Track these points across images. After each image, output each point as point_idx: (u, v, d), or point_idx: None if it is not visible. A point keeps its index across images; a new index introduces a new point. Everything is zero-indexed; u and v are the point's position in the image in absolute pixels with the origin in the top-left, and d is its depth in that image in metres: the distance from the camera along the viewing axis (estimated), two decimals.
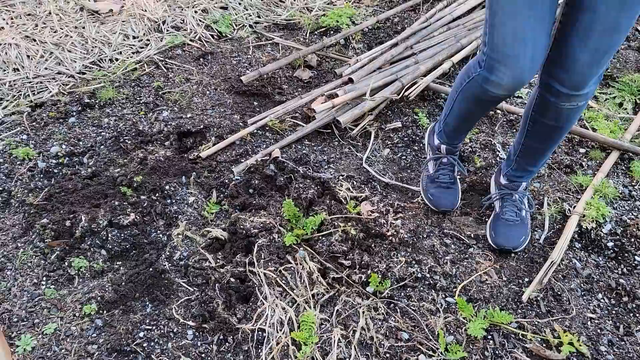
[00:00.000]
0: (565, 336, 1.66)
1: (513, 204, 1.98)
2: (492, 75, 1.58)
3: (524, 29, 1.46)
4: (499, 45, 1.52)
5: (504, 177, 2.01)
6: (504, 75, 1.54)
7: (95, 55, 2.93)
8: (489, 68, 1.58)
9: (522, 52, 1.49)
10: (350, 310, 1.73)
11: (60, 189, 2.14)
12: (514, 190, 1.99)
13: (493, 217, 2.03)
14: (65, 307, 1.78)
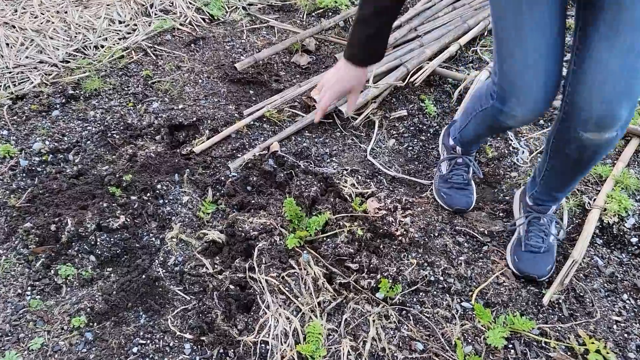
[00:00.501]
0: (591, 343, 1.55)
1: (540, 228, 1.77)
2: (504, 107, 1.46)
3: (534, 57, 1.35)
4: (509, 75, 1.41)
5: (530, 199, 1.81)
6: (516, 107, 1.43)
7: (79, 42, 2.75)
8: (500, 99, 1.47)
9: (534, 81, 1.37)
10: (359, 319, 1.61)
11: (44, 190, 1.99)
12: (542, 213, 1.78)
13: (516, 241, 1.82)
14: (53, 319, 1.65)
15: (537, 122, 2.40)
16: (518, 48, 1.36)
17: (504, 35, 1.38)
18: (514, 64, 1.39)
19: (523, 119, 1.47)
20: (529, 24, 1.33)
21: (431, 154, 2.25)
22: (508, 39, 1.38)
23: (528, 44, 1.35)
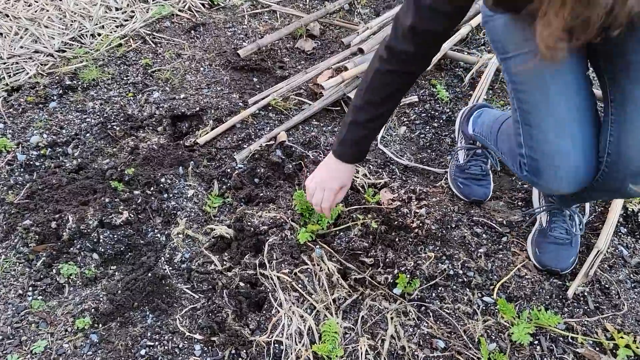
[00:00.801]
0: (620, 338, 1.48)
1: (563, 219, 1.68)
2: (541, 180, 1.34)
3: (567, 123, 1.26)
4: (541, 142, 1.30)
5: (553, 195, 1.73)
6: (555, 178, 1.31)
7: (75, 30, 2.65)
8: (534, 172, 1.35)
9: (570, 147, 1.27)
10: (376, 316, 1.54)
11: (43, 185, 1.91)
12: (566, 207, 1.68)
13: (538, 232, 1.73)
14: (56, 321, 1.57)
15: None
16: (548, 116, 1.28)
17: (529, 107, 1.31)
18: (546, 132, 1.28)
19: (566, 189, 1.34)
20: (556, 93, 1.26)
21: (444, 141, 2.16)
22: (535, 109, 1.30)
23: (558, 111, 1.27)
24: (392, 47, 1.31)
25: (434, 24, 1.24)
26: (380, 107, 1.41)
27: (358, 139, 1.46)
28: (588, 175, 1.29)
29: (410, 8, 1.23)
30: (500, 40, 1.38)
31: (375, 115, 1.41)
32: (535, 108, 1.30)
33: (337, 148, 1.50)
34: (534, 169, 1.33)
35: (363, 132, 1.45)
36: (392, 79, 1.36)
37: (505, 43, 1.37)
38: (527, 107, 1.31)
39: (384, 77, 1.36)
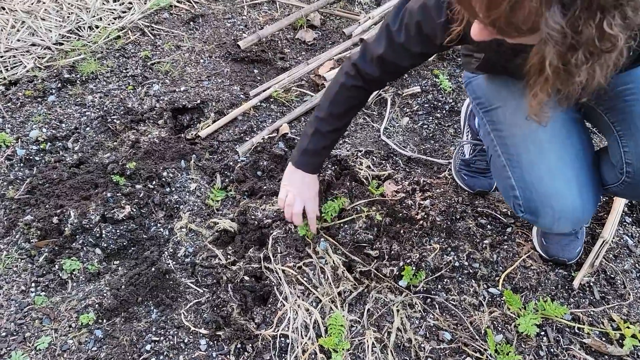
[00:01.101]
0: (626, 328, 1.48)
1: None
2: (539, 219, 1.35)
3: (560, 165, 1.29)
4: (535, 184, 1.32)
5: None
6: (554, 218, 1.32)
7: (72, 22, 2.62)
8: (532, 211, 1.36)
9: (565, 189, 1.29)
10: (382, 308, 1.53)
11: (43, 180, 1.89)
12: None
13: None
14: (59, 317, 1.57)
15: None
16: (539, 157, 1.31)
17: (520, 150, 1.34)
18: (539, 173, 1.31)
19: (565, 228, 1.37)
20: (546, 137, 1.30)
21: (447, 132, 2.15)
22: (526, 151, 1.33)
23: (550, 154, 1.30)
24: (358, 67, 1.39)
25: (402, 60, 1.33)
26: (342, 119, 1.50)
27: (319, 149, 1.53)
28: (587, 214, 1.32)
29: (383, 40, 1.31)
30: (484, 95, 1.47)
31: (337, 126, 1.50)
32: (526, 152, 1.33)
33: (300, 158, 1.55)
34: (531, 210, 1.35)
35: (324, 142, 1.52)
36: (356, 94, 1.46)
37: (490, 97, 1.44)
38: (517, 151, 1.35)
39: (348, 92, 1.44)
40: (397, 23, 1.27)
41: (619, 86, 1.26)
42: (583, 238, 1.67)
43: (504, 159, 1.39)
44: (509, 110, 1.38)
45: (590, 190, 1.32)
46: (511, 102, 1.38)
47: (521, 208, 1.37)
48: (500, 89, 1.42)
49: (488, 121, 1.46)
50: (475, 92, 1.52)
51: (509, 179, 1.38)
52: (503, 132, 1.40)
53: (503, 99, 1.40)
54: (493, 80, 1.45)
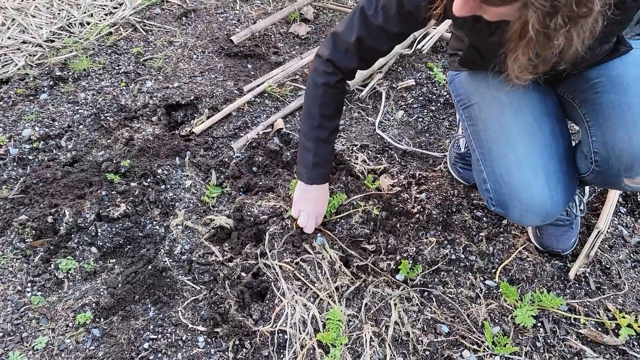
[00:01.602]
0: (621, 317, 1.49)
1: None
2: (509, 212, 1.37)
3: (528, 156, 1.31)
4: (504, 175, 1.33)
5: None
6: (522, 211, 1.33)
7: (63, 19, 2.59)
8: (501, 204, 1.37)
9: (532, 179, 1.29)
10: (380, 302, 1.54)
11: (37, 179, 1.88)
12: None
13: None
14: (56, 316, 1.56)
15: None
16: (509, 148, 1.32)
17: (491, 143, 1.36)
18: (507, 164, 1.32)
19: (535, 220, 1.36)
20: (517, 130, 1.33)
21: (442, 125, 2.15)
22: (496, 144, 1.35)
23: (519, 145, 1.31)
24: (334, 61, 1.38)
25: (380, 44, 1.32)
26: (335, 117, 1.49)
27: (327, 156, 1.53)
28: (555, 206, 1.32)
29: (356, 26, 1.30)
30: (464, 92, 1.49)
31: (333, 127, 1.50)
32: (497, 144, 1.34)
33: (311, 174, 1.54)
34: (501, 203, 1.36)
35: (328, 147, 1.52)
36: (340, 89, 1.45)
37: (469, 93, 1.47)
38: (489, 144, 1.36)
39: (333, 89, 1.43)
40: (373, 6, 1.26)
41: (593, 79, 1.28)
42: (578, 229, 1.68)
43: (478, 153, 1.40)
44: (484, 104, 1.40)
45: (561, 181, 1.32)
46: (487, 97, 1.40)
47: (492, 202, 1.39)
48: (479, 84, 1.43)
49: (466, 117, 1.48)
50: (457, 89, 1.53)
51: (481, 172, 1.40)
52: (478, 126, 1.41)
53: (481, 94, 1.42)
54: (474, 76, 1.46)
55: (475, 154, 1.42)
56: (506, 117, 1.34)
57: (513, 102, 1.35)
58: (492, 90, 1.39)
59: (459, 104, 1.52)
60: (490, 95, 1.39)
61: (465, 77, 1.50)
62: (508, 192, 1.33)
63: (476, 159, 1.42)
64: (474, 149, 1.43)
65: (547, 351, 1.44)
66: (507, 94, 1.36)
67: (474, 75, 1.47)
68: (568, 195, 1.35)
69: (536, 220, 1.35)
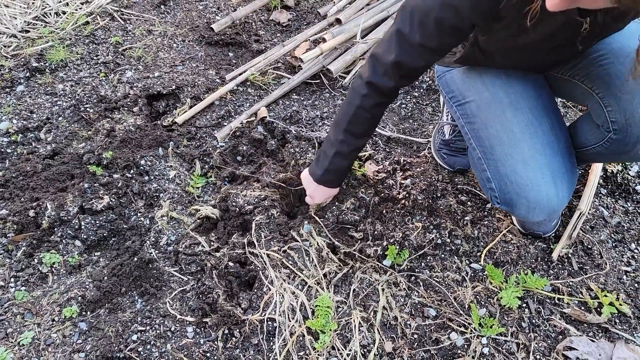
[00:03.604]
0: (603, 296, 1.52)
1: None
2: (515, 210, 1.36)
3: (533, 155, 1.30)
4: (509, 175, 1.32)
5: None
6: (529, 208, 1.33)
7: (37, 9, 2.53)
8: (507, 202, 1.36)
9: (540, 179, 1.29)
10: (368, 288, 1.55)
11: (17, 173, 1.85)
12: None
13: None
14: (42, 311, 1.54)
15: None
16: (513, 148, 1.32)
17: (494, 142, 1.35)
18: (512, 164, 1.32)
19: (540, 216, 1.37)
20: (520, 128, 1.32)
21: (425, 111, 2.16)
22: (499, 143, 1.34)
23: (523, 145, 1.31)
24: (373, 83, 1.33)
25: (421, 61, 1.27)
26: (363, 138, 1.47)
27: (342, 169, 1.52)
28: (561, 202, 1.32)
29: (394, 45, 1.25)
30: (458, 89, 1.48)
31: (357, 145, 1.47)
32: (500, 143, 1.34)
33: (322, 177, 1.53)
34: (507, 201, 1.36)
35: (346, 162, 1.50)
36: (374, 112, 1.40)
37: (464, 90, 1.45)
38: (491, 142, 1.36)
39: (366, 113, 1.39)
40: (408, 24, 1.21)
41: (592, 54, 1.29)
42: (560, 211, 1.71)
43: (479, 152, 1.40)
44: (483, 102, 1.39)
45: (565, 177, 1.33)
46: (485, 94, 1.39)
47: (497, 200, 1.39)
48: (474, 81, 1.43)
49: (462, 115, 1.47)
50: (449, 85, 1.52)
51: (484, 171, 1.40)
52: (476, 124, 1.41)
53: (477, 91, 1.41)
54: (467, 73, 1.45)
55: (475, 152, 1.42)
56: (507, 116, 1.34)
57: (512, 101, 1.35)
58: (489, 87, 1.39)
59: (452, 100, 1.51)
60: (487, 93, 1.38)
61: (457, 73, 1.49)
62: (515, 191, 1.33)
63: (477, 157, 1.42)
64: (473, 147, 1.42)
65: (533, 331, 1.47)
66: (505, 92, 1.36)
67: (468, 72, 1.45)
68: (571, 189, 1.36)
69: (542, 216, 1.36)
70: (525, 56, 1.30)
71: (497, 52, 1.31)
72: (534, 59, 1.32)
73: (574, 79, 1.34)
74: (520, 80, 1.38)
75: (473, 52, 1.36)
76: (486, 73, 1.40)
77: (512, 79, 1.38)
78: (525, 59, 1.33)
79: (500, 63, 1.36)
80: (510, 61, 1.35)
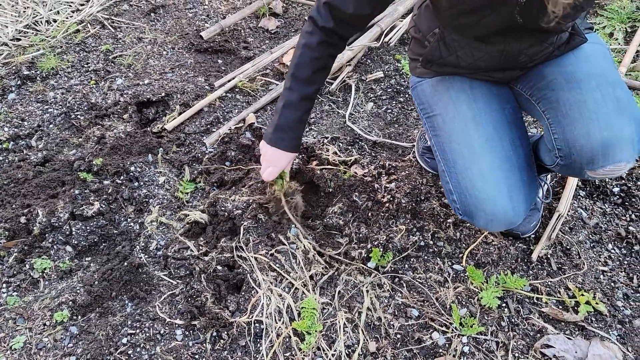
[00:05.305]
0: (580, 295, 1.57)
1: None
2: (474, 220, 1.40)
3: (491, 169, 1.35)
4: (469, 188, 1.37)
5: None
6: (487, 220, 1.37)
7: (28, 17, 2.56)
8: (468, 214, 1.41)
9: (496, 193, 1.34)
10: (352, 290, 1.59)
11: (8, 180, 1.88)
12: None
13: None
14: (33, 315, 1.57)
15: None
16: (474, 163, 1.36)
17: (456, 155, 1.40)
18: (472, 178, 1.36)
19: (499, 228, 1.41)
20: (479, 143, 1.37)
21: (410, 115, 2.20)
22: (461, 157, 1.38)
23: (482, 159, 1.36)
24: (313, 19, 1.35)
25: (350, 6, 1.29)
26: (310, 84, 1.41)
27: (292, 124, 1.45)
28: (517, 215, 1.36)
29: None
30: (427, 101, 1.52)
31: (306, 93, 1.41)
32: (461, 157, 1.38)
33: (273, 135, 1.46)
34: (467, 213, 1.41)
35: (295, 114, 1.43)
36: (320, 52, 1.37)
37: (432, 104, 1.50)
38: (454, 156, 1.40)
39: (311, 52, 1.37)
40: None
41: (548, 76, 1.34)
42: (540, 211, 1.76)
43: (443, 165, 1.44)
44: (448, 116, 1.44)
45: (521, 191, 1.37)
46: (450, 108, 1.44)
47: (459, 211, 1.43)
48: (441, 95, 1.47)
49: (429, 127, 1.51)
50: (420, 97, 1.56)
51: (447, 183, 1.44)
52: (441, 137, 1.45)
53: (444, 105, 1.45)
54: (437, 86, 1.49)
55: (440, 165, 1.46)
56: (469, 131, 1.39)
57: (475, 116, 1.40)
58: (454, 101, 1.43)
59: (422, 112, 1.56)
60: (452, 107, 1.43)
61: (427, 86, 1.53)
62: (473, 204, 1.37)
63: (442, 170, 1.46)
64: (439, 160, 1.47)
65: (512, 330, 1.52)
66: (469, 106, 1.41)
67: (437, 84, 1.50)
68: (528, 203, 1.41)
69: (500, 228, 1.41)
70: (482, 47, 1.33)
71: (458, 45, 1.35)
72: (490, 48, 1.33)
73: (532, 98, 1.40)
74: (484, 94, 1.43)
75: (438, 47, 1.40)
76: (453, 87, 1.44)
77: (477, 92, 1.43)
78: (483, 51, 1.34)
79: (463, 60, 1.39)
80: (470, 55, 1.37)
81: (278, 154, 1.48)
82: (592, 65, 1.33)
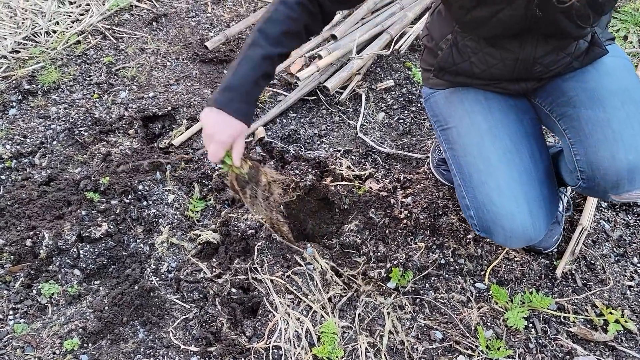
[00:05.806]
0: (609, 314, 1.52)
1: None
2: (493, 237, 1.35)
3: (509, 184, 1.29)
4: (486, 203, 1.31)
5: None
6: (505, 237, 1.31)
7: (27, 28, 2.49)
8: (485, 230, 1.35)
9: (514, 208, 1.28)
10: (373, 312, 1.53)
11: (12, 200, 1.81)
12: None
13: None
14: (42, 344, 1.51)
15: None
16: (490, 178, 1.31)
17: (472, 169, 1.34)
18: (489, 192, 1.30)
19: (519, 244, 1.35)
20: (496, 156, 1.32)
21: (423, 125, 2.15)
22: (477, 171, 1.33)
23: (498, 173, 1.30)
24: None
25: None
26: (277, 46, 1.20)
27: (248, 84, 1.20)
28: (537, 231, 1.31)
29: None
30: (441, 113, 1.47)
31: (269, 53, 1.19)
32: (477, 170, 1.33)
33: (221, 96, 1.20)
34: (485, 229, 1.35)
35: (254, 73, 1.19)
36: (296, 13, 1.21)
37: (446, 116, 1.45)
38: (469, 169, 1.35)
39: (287, 9, 1.21)
40: None
41: (568, 92, 1.29)
42: (562, 226, 1.71)
43: (459, 179, 1.39)
44: (463, 129, 1.39)
45: (542, 206, 1.32)
46: (465, 121, 1.38)
47: (477, 227, 1.38)
48: (455, 107, 1.42)
49: (444, 140, 1.46)
50: (433, 109, 1.51)
51: (463, 198, 1.39)
52: (457, 151, 1.40)
53: (458, 117, 1.40)
54: (450, 97, 1.44)
55: (456, 178, 1.41)
56: (485, 143, 1.33)
57: (491, 127, 1.34)
58: (469, 113, 1.38)
59: (436, 125, 1.51)
60: (467, 119, 1.38)
61: (441, 97, 1.48)
62: (491, 220, 1.31)
63: (457, 184, 1.41)
64: (454, 174, 1.42)
65: (540, 352, 1.47)
66: (484, 118, 1.36)
67: (450, 95, 1.44)
68: (549, 219, 1.35)
69: (520, 244, 1.35)
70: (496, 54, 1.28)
71: (471, 50, 1.30)
72: (504, 55, 1.27)
73: (552, 115, 1.34)
74: (501, 105, 1.37)
75: (451, 53, 1.35)
76: (467, 98, 1.39)
77: (493, 103, 1.38)
78: (497, 58, 1.29)
79: (477, 67, 1.33)
80: (484, 62, 1.31)
81: (222, 121, 1.20)
82: (615, 81, 1.27)
